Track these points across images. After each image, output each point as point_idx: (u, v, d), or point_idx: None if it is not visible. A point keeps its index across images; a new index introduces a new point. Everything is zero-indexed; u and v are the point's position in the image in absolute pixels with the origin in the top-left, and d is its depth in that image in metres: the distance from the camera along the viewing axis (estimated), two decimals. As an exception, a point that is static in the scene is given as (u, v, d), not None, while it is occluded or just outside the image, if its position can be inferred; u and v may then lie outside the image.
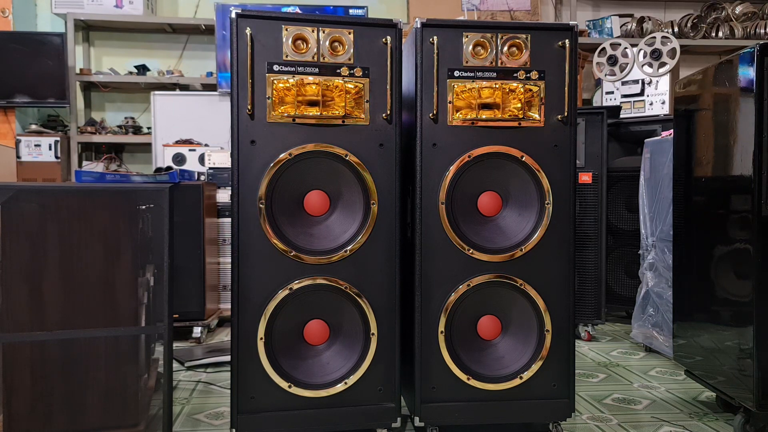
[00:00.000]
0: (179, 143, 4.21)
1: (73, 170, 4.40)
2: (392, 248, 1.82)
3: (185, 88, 4.72)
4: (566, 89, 1.84)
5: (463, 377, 1.83)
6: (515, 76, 1.83)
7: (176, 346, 2.90)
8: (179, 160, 4.10)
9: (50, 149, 4.30)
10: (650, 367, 2.75)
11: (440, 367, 1.83)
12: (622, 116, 3.69)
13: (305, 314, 1.81)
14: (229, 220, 3.26)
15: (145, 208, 1.77)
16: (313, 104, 1.75)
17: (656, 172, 2.78)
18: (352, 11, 4.57)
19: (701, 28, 5.05)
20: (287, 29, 1.74)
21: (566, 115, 1.85)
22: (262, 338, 1.74)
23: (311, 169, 1.78)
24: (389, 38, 1.78)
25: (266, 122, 1.74)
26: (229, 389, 1.77)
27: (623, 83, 3.80)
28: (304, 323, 1.81)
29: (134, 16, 4.53)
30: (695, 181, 2.15)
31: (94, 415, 1.72)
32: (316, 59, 1.76)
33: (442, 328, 1.82)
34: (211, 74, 4.67)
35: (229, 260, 2.26)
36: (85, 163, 4.69)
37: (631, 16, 5.06)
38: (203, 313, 3.10)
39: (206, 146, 4.18)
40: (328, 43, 1.76)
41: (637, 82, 3.75)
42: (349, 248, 1.78)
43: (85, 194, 1.74)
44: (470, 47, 1.82)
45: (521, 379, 1.85)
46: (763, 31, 4.99)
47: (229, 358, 1.99)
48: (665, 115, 3.59)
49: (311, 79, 1.75)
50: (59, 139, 4.33)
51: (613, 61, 3.80)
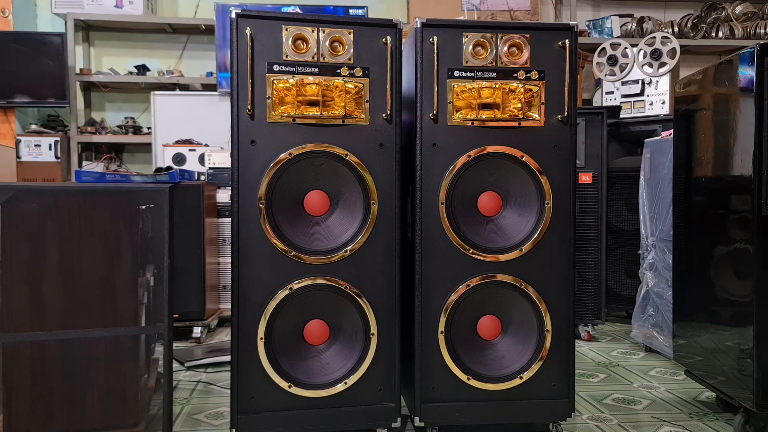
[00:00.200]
0: (179, 143, 4.21)
1: (73, 170, 4.40)
2: (392, 248, 1.81)
3: (185, 88, 4.72)
4: (566, 89, 1.84)
5: (463, 377, 1.83)
6: (515, 76, 1.83)
7: (176, 346, 2.90)
8: (179, 160, 4.10)
9: (50, 149, 4.30)
10: (650, 367, 2.75)
11: (440, 367, 1.83)
12: (622, 116, 3.69)
13: (305, 314, 1.81)
14: (229, 220, 3.26)
15: (145, 208, 1.77)
16: (313, 104, 1.75)
17: (656, 172, 2.78)
18: (352, 11, 4.57)
19: (701, 28, 5.05)
20: (287, 29, 1.74)
21: (566, 115, 1.85)
22: (262, 338, 1.74)
23: (311, 169, 1.78)
24: (389, 38, 1.77)
25: (266, 122, 1.74)
26: (229, 389, 1.77)
27: (623, 83, 3.80)
28: (304, 323, 1.81)
29: (134, 16, 4.53)
30: (695, 181, 2.15)
31: (94, 415, 1.72)
32: (316, 59, 1.76)
33: (442, 328, 1.82)
34: (211, 74, 4.67)
35: (229, 260, 2.26)
36: (85, 163, 4.68)
37: (631, 16, 5.06)
38: (203, 313, 3.10)
39: (206, 146, 4.17)
40: (328, 43, 1.76)
41: (637, 82, 3.74)
42: (349, 248, 1.78)
43: (85, 194, 1.73)
44: (470, 47, 1.82)
45: (521, 379, 1.85)
46: (763, 31, 4.99)
47: (229, 358, 1.99)
48: (665, 115, 3.59)
49: (311, 79, 1.75)
50: (59, 139, 4.33)
51: (613, 61, 3.80)
